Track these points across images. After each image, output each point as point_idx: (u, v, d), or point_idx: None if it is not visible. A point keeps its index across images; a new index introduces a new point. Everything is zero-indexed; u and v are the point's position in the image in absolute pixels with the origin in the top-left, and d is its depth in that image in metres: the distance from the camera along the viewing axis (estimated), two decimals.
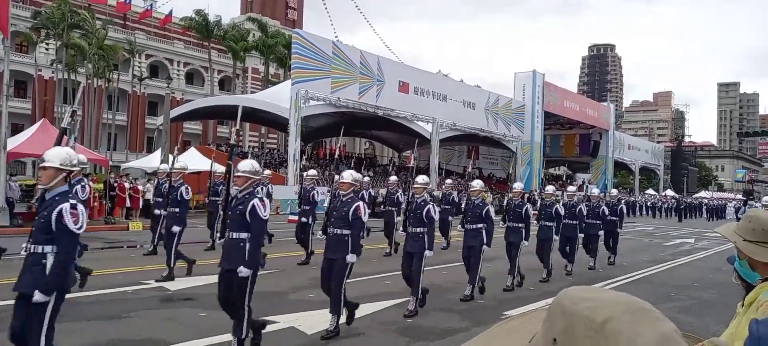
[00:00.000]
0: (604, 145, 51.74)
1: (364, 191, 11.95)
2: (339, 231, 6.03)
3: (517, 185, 10.10)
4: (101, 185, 18.49)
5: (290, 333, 5.98)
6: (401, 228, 7.67)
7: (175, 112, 31.37)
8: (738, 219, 2.74)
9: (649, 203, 44.31)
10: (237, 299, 4.99)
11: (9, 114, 17.09)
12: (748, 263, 2.01)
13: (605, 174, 51.59)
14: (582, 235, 11.35)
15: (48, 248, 3.79)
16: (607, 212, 12.11)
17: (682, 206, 40.52)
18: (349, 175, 6.36)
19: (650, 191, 55.12)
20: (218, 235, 5.53)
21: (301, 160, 25.86)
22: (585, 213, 11.36)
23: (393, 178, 14.12)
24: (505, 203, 12.58)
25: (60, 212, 3.76)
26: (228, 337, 5.33)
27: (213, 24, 42.16)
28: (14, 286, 3.86)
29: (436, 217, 7.22)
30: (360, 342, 5.90)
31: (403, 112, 32.08)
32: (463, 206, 9.48)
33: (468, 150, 47.74)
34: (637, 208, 42.53)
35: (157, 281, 8.22)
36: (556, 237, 10.10)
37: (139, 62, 46.13)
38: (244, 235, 5.05)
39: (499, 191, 38.01)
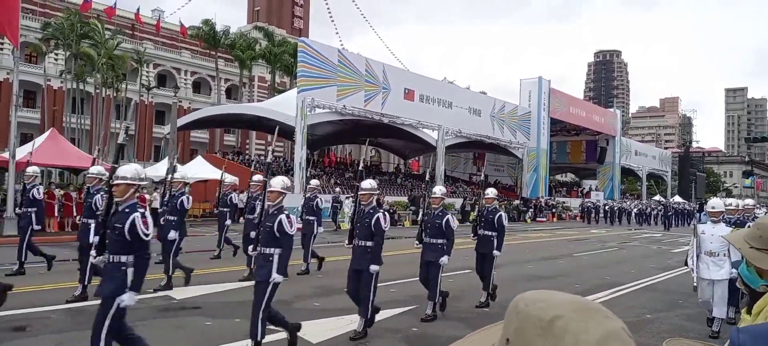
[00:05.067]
0: (611, 151, 51.55)
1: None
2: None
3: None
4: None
5: None
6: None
7: (182, 121, 31.60)
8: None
9: (635, 210, 39.25)
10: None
11: (18, 124, 17.26)
12: (755, 270, 2.03)
13: (612, 180, 51.42)
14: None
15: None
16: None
17: (669, 213, 35.77)
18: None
19: (658, 197, 54.76)
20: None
21: (307, 168, 25.87)
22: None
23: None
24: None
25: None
26: (235, 345, 5.35)
27: (220, 33, 42.42)
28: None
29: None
30: None
31: (408, 119, 32.13)
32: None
33: (474, 157, 47.76)
34: (625, 215, 38.68)
35: (154, 290, 8.19)
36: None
37: (147, 72, 46.47)
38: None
39: (506, 198, 37.89)
